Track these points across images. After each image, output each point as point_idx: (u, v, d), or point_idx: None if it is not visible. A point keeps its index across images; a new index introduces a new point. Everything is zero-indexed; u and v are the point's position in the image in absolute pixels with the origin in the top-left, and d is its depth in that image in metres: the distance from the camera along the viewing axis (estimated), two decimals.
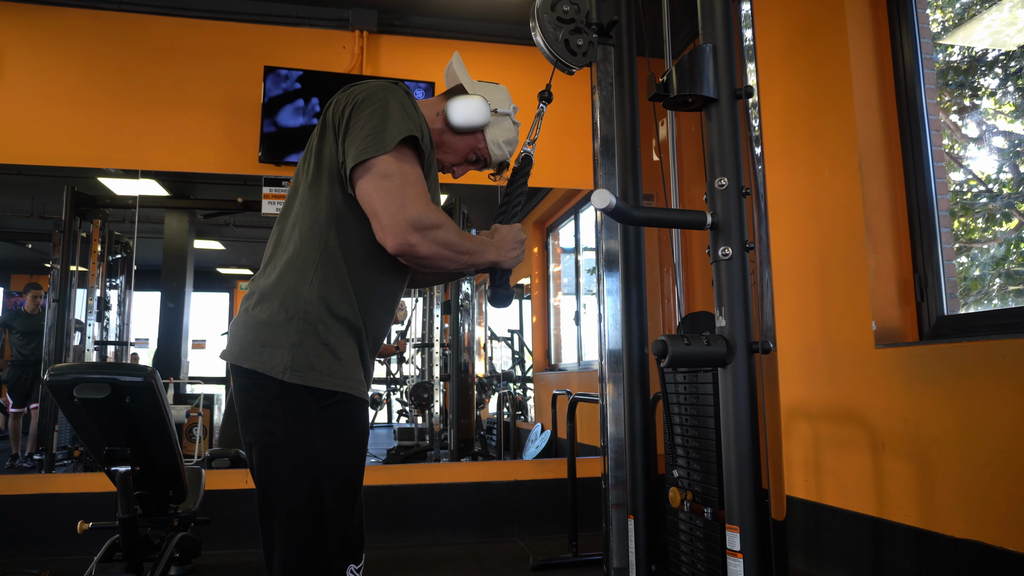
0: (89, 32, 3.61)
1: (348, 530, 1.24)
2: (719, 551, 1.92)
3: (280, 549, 1.22)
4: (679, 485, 2.03)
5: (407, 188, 1.22)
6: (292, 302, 1.24)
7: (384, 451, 4.77)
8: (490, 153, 1.52)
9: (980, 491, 2.08)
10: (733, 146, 1.32)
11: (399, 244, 1.21)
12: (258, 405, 1.24)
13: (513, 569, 3.08)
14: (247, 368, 1.23)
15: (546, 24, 1.91)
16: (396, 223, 1.20)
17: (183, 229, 4.38)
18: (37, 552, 3.18)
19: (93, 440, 2.05)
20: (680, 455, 2.04)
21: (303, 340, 1.22)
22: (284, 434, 1.21)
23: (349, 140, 1.25)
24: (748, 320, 1.27)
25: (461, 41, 4.00)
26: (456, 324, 4.69)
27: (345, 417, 1.25)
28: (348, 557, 1.24)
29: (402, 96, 1.31)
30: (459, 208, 4.51)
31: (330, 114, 1.33)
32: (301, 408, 1.21)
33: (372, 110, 1.26)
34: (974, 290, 2.85)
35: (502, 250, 1.40)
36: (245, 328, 1.27)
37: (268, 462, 1.24)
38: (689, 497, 1.98)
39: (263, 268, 1.33)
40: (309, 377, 1.21)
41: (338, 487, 1.23)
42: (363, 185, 1.23)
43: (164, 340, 4.19)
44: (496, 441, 4.81)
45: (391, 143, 1.23)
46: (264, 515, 1.24)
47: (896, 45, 2.68)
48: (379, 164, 1.22)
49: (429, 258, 1.25)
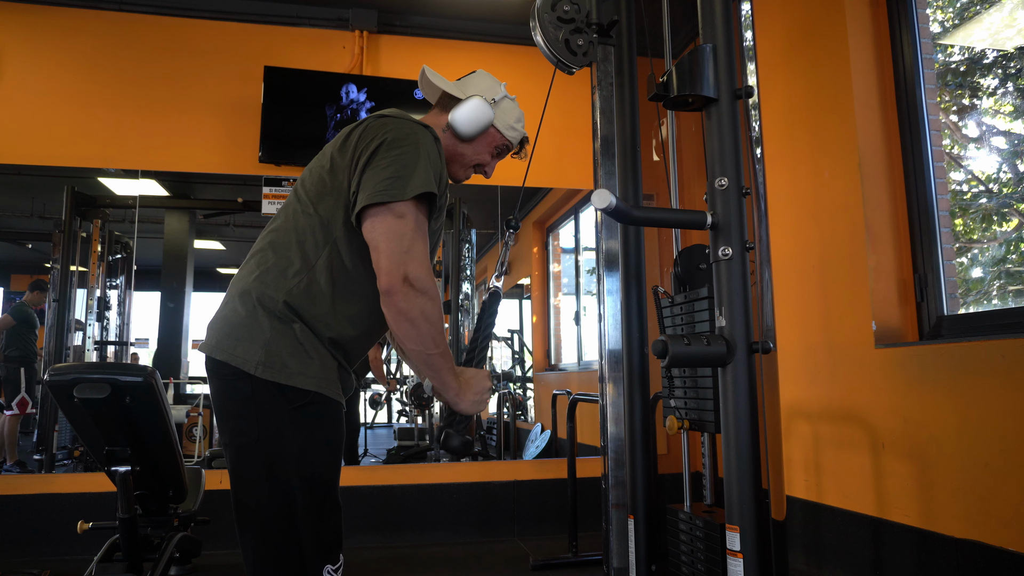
0: (89, 32, 3.61)
1: (322, 531, 1.24)
2: (719, 551, 1.92)
3: (254, 550, 1.23)
4: (676, 414, 2.06)
5: (416, 241, 1.23)
6: (271, 301, 1.24)
7: (384, 451, 4.77)
8: (509, 139, 1.53)
9: (980, 491, 2.08)
10: (733, 146, 1.32)
11: (390, 286, 1.20)
12: (231, 406, 1.24)
13: (513, 569, 3.08)
14: (220, 360, 1.23)
15: (546, 24, 1.91)
16: (394, 267, 1.20)
17: (183, 229, 4.38)
18: (37, 552, 3.18)
19: (93, 440, 2.05)
20: (677, 386, 2.07)
21: (277, 338, 1.22)
22: (257, 435, 1.22)
23: (369, 175, 1.25)
24: (748, 320, 1.27)
25: (461, 41, 4.00)
26: (456, 324, 4.69)
27: (318, 418, 1.25)
28: (324, 558, 1.23)
29: (430, 144, 1.31)
30: (459, 208, 4.51)
31: (355, 138, 1.31)
32: (273, 409, 1.22)
33: (399, 153, 1.25)
34: (974, 290, 2.85)
35: (464, 393, 1.32)
36: (222, 322, 1.28)
37: (241, 463, 1.24)
38: (686, 425, 2.01)
39: (249, 260, 1.33)
40: (281, 374, 1.21)
41: (311, 488, 1.23)
42: (373, 223, 1.23)
43: (164, 340, 4.19)
44: (496, 441, 4.81)
45: (411, 193, 1.23)
46: (238, 516, 1.24)
47: (896, 45, 2.68)
48: (395, 208, 1.22)
49: (405, 315, 1.21)
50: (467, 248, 4.69)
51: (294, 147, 3.66)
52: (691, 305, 2.01)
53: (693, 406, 2.01)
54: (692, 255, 2.11)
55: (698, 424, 1.99)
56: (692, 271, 2.10)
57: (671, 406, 2.11)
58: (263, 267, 1.29)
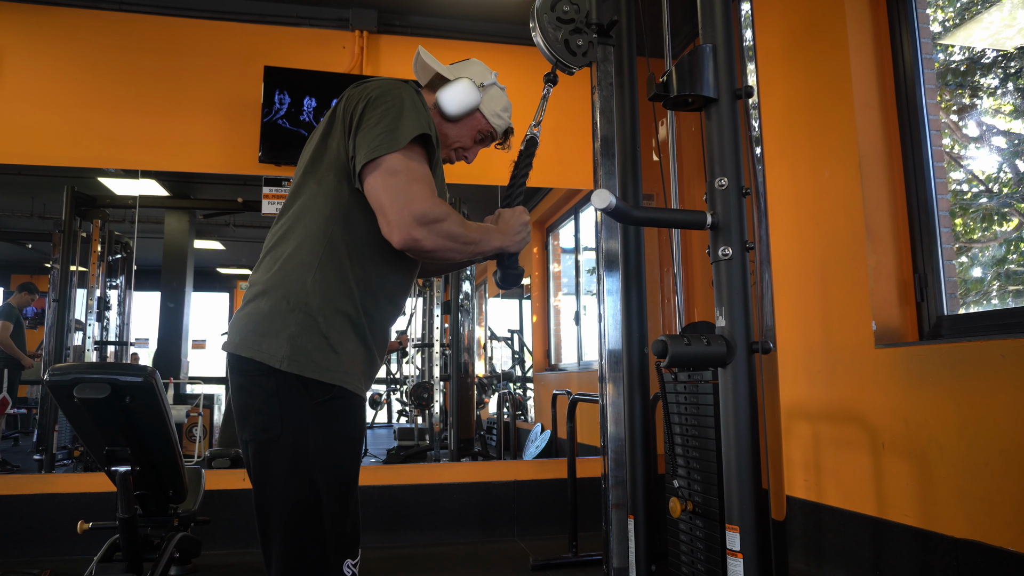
0: (89, 32, 3.61)
1: (344, 526, 1.25)
2: (719, 551, 1.92)
3: (278, 546, 1.23)
4: (679, 495, 2.03)
5: (413, 184, 1.24)
6: (294, 294, 1.24)
7: (384, 451, 4.77)
8: (493, 127, 1.54)
9: (980, 491, 2.08)
10: (733, 146, 1.32)
11: (405, 239, 1.22)
12: (254, 402, 1.24)
13: (513, 569, 3.08)
14: (245, 357, 1.23)
15: (546, 24, 1.91)
16: (402, 218, 1.21)
17: (183, 229, 4.38)
18: (37, 552, 3.18)
19: (93, 440, 2.05)
20: (680, 464, 2.04)
21: (302, 331, 1.22)
22: (280, 431, 1.22)
23: (361, 137, 1.26)
24: (748, 320, 1.27)
25: (461, 41, 4.00)
26: (456, 324, 4.69)
27: (341, 413, 1.25)
28: (345, 552, 1.24)
29: (413, 94, 1.32)
30: (459, 208, 4.51)
31: (341, 108, 1.33)
32: (297, 405, 1.22)
33: (385, 108, 1.27)
34: (974, 290, 2.85)
35: (507, 235, 1.41)
36: (246, 319, 1.27)
37: (264, 459, 1.24)
38: (690, 508, 1.98)
39: (263, 260, 1.33)
40: (306, 368, 1.21)
41: (334, 483, 1.23)
42: (371, 181, 1.24)
43: (164, 340, 4.19)
44: (496, 441, 4.81)
45: (403, 141, 1.24)
46: (261, 512, 1.24)
47: (896, 45, 2.68)
48: (389, 161, 1.23)
49: (435, 251, 1.26)
50: None
51: (294, 147, 3.66)
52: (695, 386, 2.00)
53: (699, 488, 1.96)
54: (696, 331, 2.09)
55: (703, 507, 1.94)
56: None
57: (674, 487, 2.07)
58: (279, 260, 1.29)
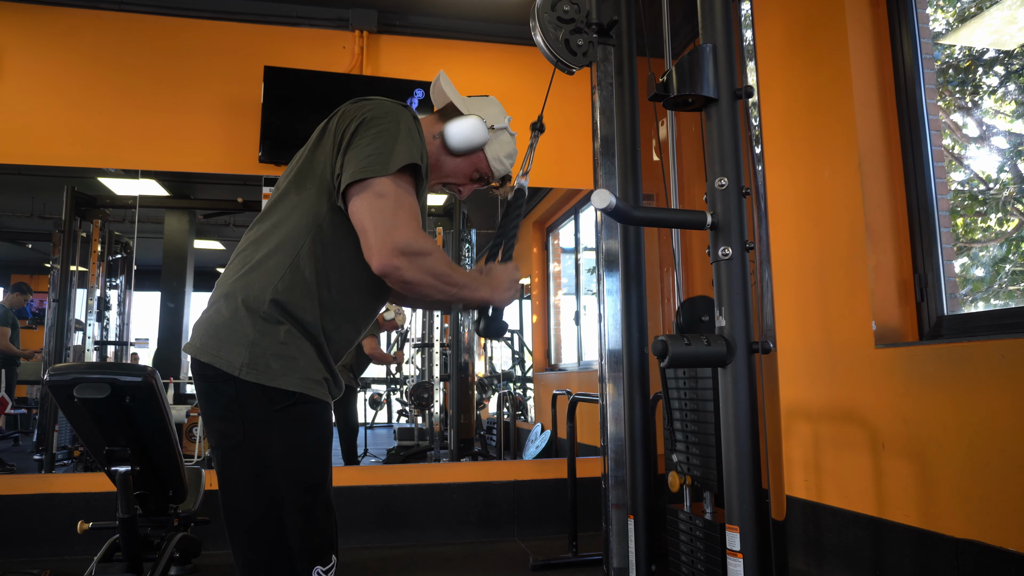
0: (89, 32, 3.61)
1: (311, 533, 1.23)
2: (719, 551, 1.92)
3: (242, 554, 1.22)
4: (678, 470, 2.04)
5: (400, 211, 1.22)
6: (255, 301, 1.23)
7: (384, 451, 4.76)
8: (492, 170, 1.52)
9: (980, 491, 2.08)
10: (733, 146, 1.32)
11: (384, 265, 1.20)
12: (216, 409, 1.23)
13: (513, 569, 3.08)
14: (205, 362, 1.23)
15: (546, 24, 1.91)
16: (383, 244, 1.19)
17: (183, 229, 4.37)
18: (37, 552, 3.18)
19: (93, 440, 2.05)
20: (679, 440, 2.05)
21: (261, 339, 1.21)
22: (242, 438, 1.21)
23: (351, 155, 1.24)
24: (748, 320, 1.27)
25: (461, 41, 4.00)
26: (456, 324, 4.69)
27: (303, 419, 1.24)
28: (315, 559, 1.22)
29: (410, 120, 1.31)
30: (459, 209, 4.51)
31: (334, 123, 1.32)
32: (258, 411, 1.21)
33: (380, 130, 1.26)
34: (975, 291, 2.85)
35: (496, 289, 1.38)
36: (207, 323, 1.27)
37: (227, 466, 1.24)
38: (688, 482, 1.98)
39: (233, 261, 1.33)
40: (264, 376, 1.20)
41: (298, 490, 1.22)
42: (357, 202, 1.23)
43: (164, 340, 4.19)
44: (496, 441, 4.81)
45: (394, 166, 1.23)
46: (227, 518, 1.24)
47: (896, 45, 2.67)
48: (377, 184, 1.22)
49: (414, 284, 1.23)
50: (467, 248, 4.68)
51: (294, 147, 3.65)
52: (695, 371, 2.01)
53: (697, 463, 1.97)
54: (695, 306, 2.09)
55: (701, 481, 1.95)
56: (695, 323, 2.09)
57: (673, 461, 2.08)
58: (247, 265, 1.28)
